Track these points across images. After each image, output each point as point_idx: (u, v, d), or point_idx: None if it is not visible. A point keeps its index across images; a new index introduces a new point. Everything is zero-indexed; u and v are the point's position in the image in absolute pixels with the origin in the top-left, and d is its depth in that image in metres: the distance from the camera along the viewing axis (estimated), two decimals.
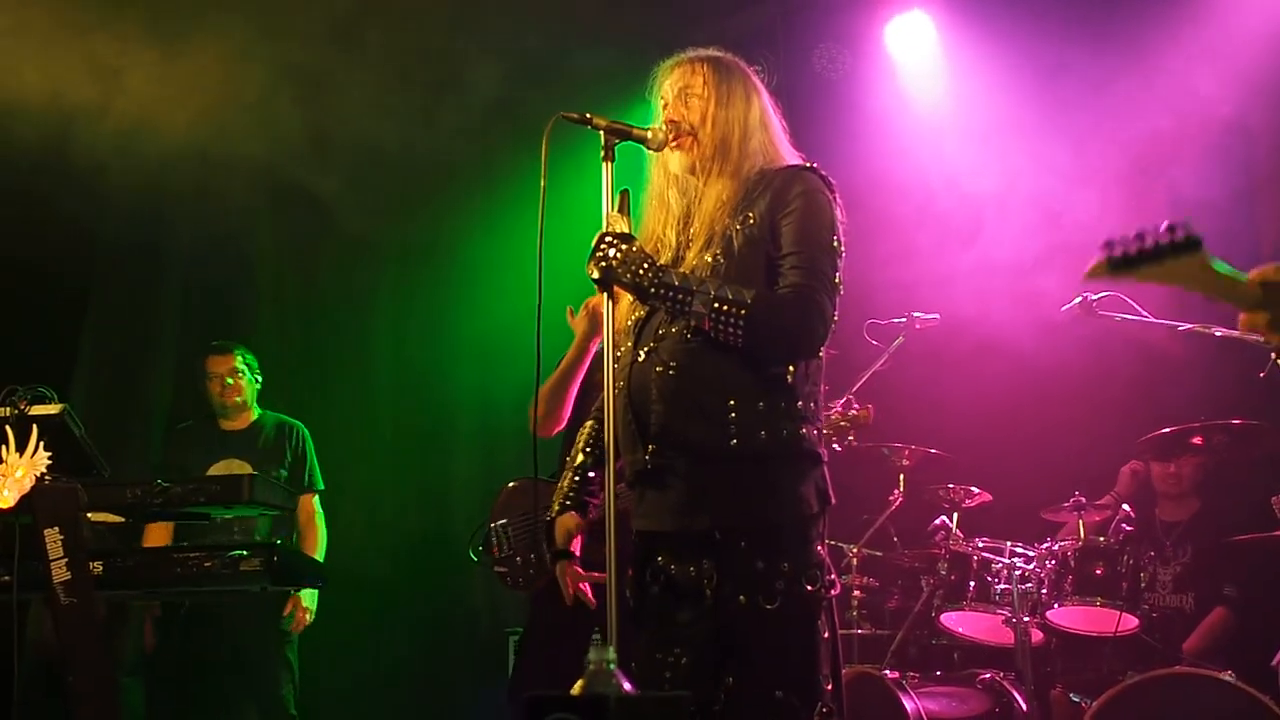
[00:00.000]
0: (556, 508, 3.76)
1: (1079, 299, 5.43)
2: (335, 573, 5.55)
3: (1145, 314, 5.29)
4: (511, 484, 5.21)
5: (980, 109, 7.11)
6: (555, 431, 5.13)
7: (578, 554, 3.77)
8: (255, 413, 6.52)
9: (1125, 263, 2.23)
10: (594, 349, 5.02)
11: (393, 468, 7.67)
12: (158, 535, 6.05)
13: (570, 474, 3.77)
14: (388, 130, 6.95)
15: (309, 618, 6.22)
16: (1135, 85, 6.45)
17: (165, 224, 7.14)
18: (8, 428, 3.87)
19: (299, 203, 7.32)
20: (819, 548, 3.36)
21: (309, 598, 6.23)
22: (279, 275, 7.86)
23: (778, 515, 3.31)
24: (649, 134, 3.50)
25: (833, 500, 3.42)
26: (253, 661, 6.19)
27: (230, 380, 6.39)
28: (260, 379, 6.53)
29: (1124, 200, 6.46)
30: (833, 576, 3.41)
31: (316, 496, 6.50)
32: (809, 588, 3.29)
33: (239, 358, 6.46)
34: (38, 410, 4.03)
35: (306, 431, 6.57)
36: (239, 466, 6.22)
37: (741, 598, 3.26)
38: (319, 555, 6.37)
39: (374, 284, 8.02)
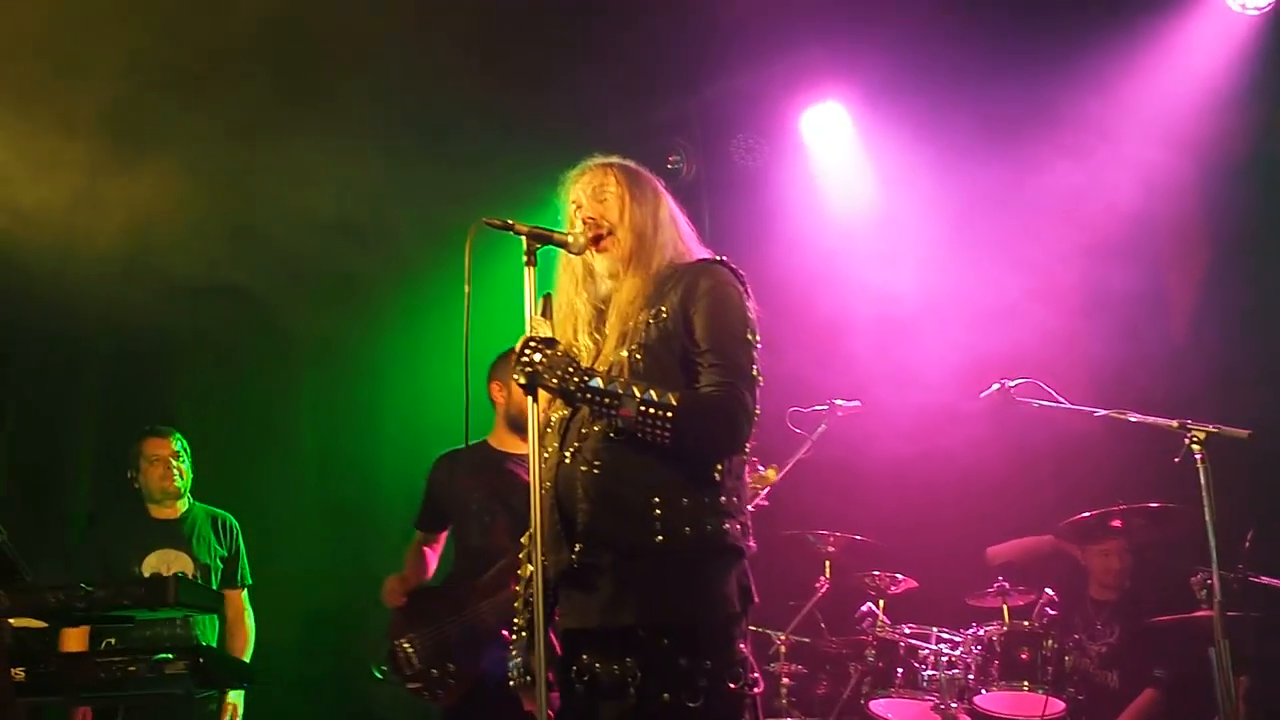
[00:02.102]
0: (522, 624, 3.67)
1: (996, 385, 5.51)
2: (264, 669, 5.53)
3: (1061, 400, 5.36)
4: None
5: (898, 198, 7.23)
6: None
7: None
8: (186, 502, 6.32)
9: None
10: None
11: (319, 558, 7.58)
12: (75, 635, 5.78)
13: (523, 587, 3.72)
14: (307, 227, 6.97)
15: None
16: (1053, 176, 6.60)
17: (80, 319, 7.06)
18: None
19: (218, 298, 7.28)
20: (741, 645, 3.37)
21: (238, 697, 6.07)
22: (197, 370, 7.79)
23: (701, 613, 3.31)
24: (570, 238, 3.55)
25: (755, 599, 3.43)
26: None
27: (174, 463, 6.20)
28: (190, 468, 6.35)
29: (1039, 289, 6.57)
30: (755, 675, 3.41)
31: (245, 592, 6.35)
32: (732, 685, 3.30)
33: (177, 441, 6.27)
34: None
35: (237, 525, 6.40)
36: (175, 557, 6.09)
37: (665, 695, 3.25)
38: (247, 652, 6.24)
39: (296, 377, 7.97)
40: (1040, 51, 6.63)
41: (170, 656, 4.17)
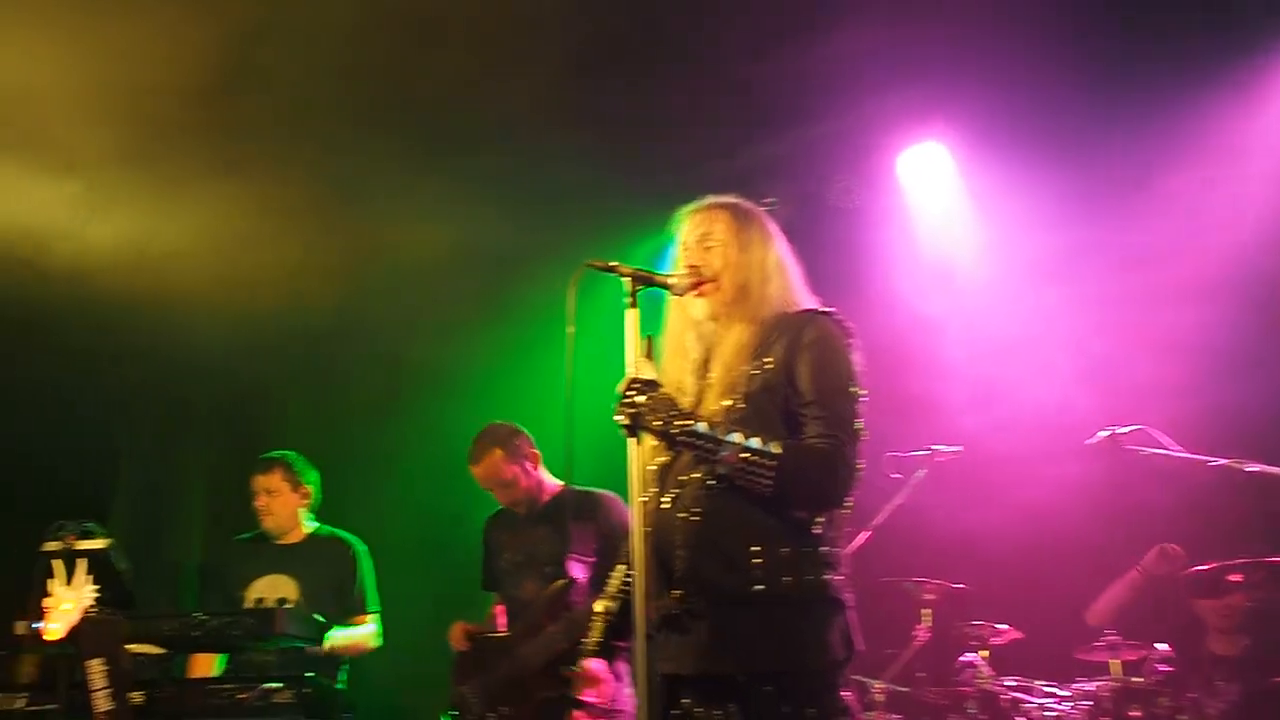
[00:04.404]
0: (593, 646, 3.80)
1: (1106, 433, 5.39)
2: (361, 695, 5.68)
3: (1175, 448, 5.23)
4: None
5: (999, 241, 7.14)
6: None
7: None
8: (309, 528, 6.22)
9: None
10: None
11: (413, 584, 7.61)
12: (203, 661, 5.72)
13: (602, 616, 3.79)
14: (418, 267, 7.07)
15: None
16: (1154, 218, 6.48)
17: (193, 348, 7.25)
18: (56, 561, 4.16)
19: (326, 323, 7.47)
20: (844, 693, 3.35)
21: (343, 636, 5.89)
22: (307, 395, 7.98)
23: (805, 661, 3.28)
24: (673, 280, 3.52)
25: (859, 647, 3.39)
26: None
27: (269, 498, 6.10)
28: (313, 492, 6.23)
29: (1143, 332, 6.45)
30: None
31: (370, 618, 6.11)
32: None
33: (280, 474, 6.16)
34: (85, 545, 4.25)
35: (362, 549, 6.21)
36: (283, 583, 5.96)
37: None
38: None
39: (398, 407, 8.15)
40: (1148, 92, 6.50)
41: (280, 685, 4.37)
